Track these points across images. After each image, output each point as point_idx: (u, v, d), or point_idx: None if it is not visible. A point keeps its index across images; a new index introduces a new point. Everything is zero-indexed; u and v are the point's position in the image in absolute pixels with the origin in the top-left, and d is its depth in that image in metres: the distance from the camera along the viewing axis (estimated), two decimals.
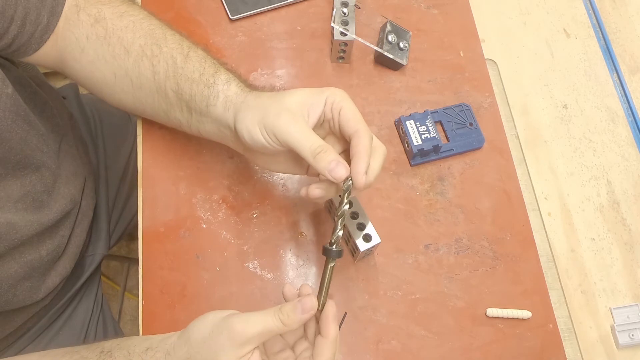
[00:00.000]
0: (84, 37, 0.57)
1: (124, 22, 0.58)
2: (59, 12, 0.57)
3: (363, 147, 0.48)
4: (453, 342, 0.61)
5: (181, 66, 0.56)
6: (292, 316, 0.45)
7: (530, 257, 0.66)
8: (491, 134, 0.71)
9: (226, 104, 0.53)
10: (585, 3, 0.82)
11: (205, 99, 0.54)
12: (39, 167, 0.63)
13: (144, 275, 0.62)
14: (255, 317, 0.45)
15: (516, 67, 0.77)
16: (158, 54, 0.56)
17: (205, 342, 0.45)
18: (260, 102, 0.51)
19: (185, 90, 0.55)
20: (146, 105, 0.60)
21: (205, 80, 0.54)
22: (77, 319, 0.82)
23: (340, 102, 0.50)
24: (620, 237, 0.68)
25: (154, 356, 0.47)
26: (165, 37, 0.58)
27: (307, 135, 0.48)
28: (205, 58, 0.57)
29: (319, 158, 0.47)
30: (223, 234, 0.64)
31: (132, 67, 0.57)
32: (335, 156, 0.47)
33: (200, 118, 0.56)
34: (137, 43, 0.57)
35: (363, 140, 0.48)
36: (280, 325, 0.45)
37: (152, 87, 0.57)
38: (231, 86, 0.54)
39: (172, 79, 0.56)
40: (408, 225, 0.66)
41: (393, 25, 0.72)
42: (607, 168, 0.72)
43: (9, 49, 0.55)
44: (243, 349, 0.44)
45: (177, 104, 0.57)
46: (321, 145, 0.47)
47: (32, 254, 0.64)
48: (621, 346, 0.63)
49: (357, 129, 0.49)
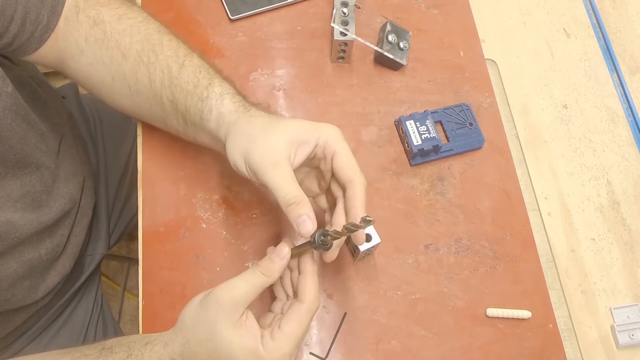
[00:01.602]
0: (82, 39, 0.57)
1: (122, 26, 0.57)
2: (59, 11, 0.57)
3: (359, 201, 0.49)
4: (453, 342, 0.61)
5: (176, 76, 0.55)
6: (270, 265, 0.46)
7: (530, 257, 0.66)
8: (491, 134, 0.71)
9: (219, 120, 0.53)
10: (585, 3, 0.82)
11: (199, 112, 0.54)
12: (39, 166, 0.63)
13: (144, 275, 0.62)
14: (237, 280, 0.46)
15: (516, 67, 0.77)
16: (154, 61, 0.56)
17: (198, 322, 0.46)
18: (250, 130, 0.50)
19: (181, 102, 0.55)
20: (144, 110, 0.60)
21: (199, 93, 0.54)
22: (77, 319, 0.82)
23: (333, 145, 0.49)
24: (620, 237, 0.68)
25: (152, 349, 0.48)
26: (161, 43, 0.57)
27: (284, 185, 0.48)
28: (200, 67, 0.56)
29: (291, 209, 0.47)
30: (223, 234, 0.64)
31: (130, 73, 0.57)
32: (306, 210, 0.47)
33: (195, 129, 0.56)
34: (134, 48, 0.57)
35: (358, 193, 0.49)
36: (262, 277, 0.46)
37: (149, 94, 0.57)
38: (224, 101, 0.53)
39: (168, 89, 0.56)
40: (408, 225, 0.66)
41: (393, 25, 0.72)
42: (607, 168, 0.72)
43: (9, 48, 0.55)
44: (235, 312, 0.45)
45: (173, 113, 0.57)
46: (296, 196, 0.47)
47: (31, 253, 0.64)
48: (621, 346, 0.63)
49: (352, 178, 0.49)
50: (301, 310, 0.47)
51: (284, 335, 0.45)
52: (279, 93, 0.72)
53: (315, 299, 0.47)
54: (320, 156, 0.51)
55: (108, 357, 0.49)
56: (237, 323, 0.45)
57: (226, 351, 0.45)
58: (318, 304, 0.48)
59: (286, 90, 0.72)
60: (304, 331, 0.47)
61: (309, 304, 0.47)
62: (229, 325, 0.45)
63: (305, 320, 0.46)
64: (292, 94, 0.72)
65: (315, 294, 0.47)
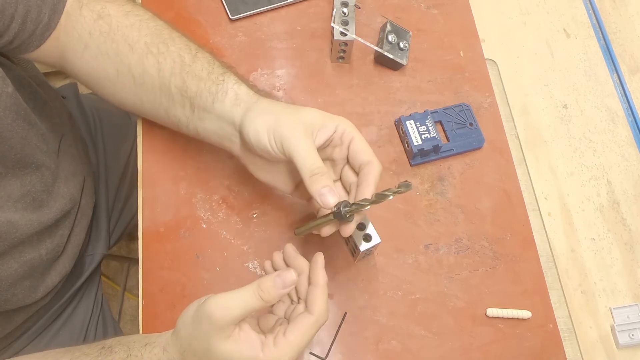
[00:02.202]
0: (86, 33, 0.58)
1: (130, 21, 0.58)
2: (60, 9, 0.57)
3: (373, 178, 0.50)
4: (453, 342, 0.61)
5: (189, 64, 0.57)
6: (272, 292, 0.45)
7: (530, 257, 0.66)
8: (491, 134, 0.71)
9: (236, 100, 0.54)
10: (585, 3, 0.82)
11: (212, 95, 0.55)
12: (39, 166, 0.63)
13: (144, 275, 0.62)
14: (233, 299, 0.44)
15: (516, 67, 0.77)
16: (164, 51, 0.57)
17: (192, 338, 0.46)
18: (274, 108, 0.52)
19: (191, 87, 0.56)
20: (146, 103, 0.60)
21: (214, 78, 0.55)
22: (77, 319, 0.82)
23: (351, 133, 0.52)
24: (620, 237, 0.68)
25: (152, 351, 0.48)
26: (172, 37, 0.58)
27: (311, 154, 0.49)
28: (213, 59, 0.58)
29: (314, 179, 0.48)
30: (223, 234, 0.64)
31: (136, 64, 0.58)
32: (329, 182, 0.48)
33: (202, 115, 0.56)
34: (142, 41, 0.57)
35: (374, 172, 0.51)
36: (260, 302, 0.45)
37: (155, 83, 0.58)
38: (242, 87, 0.55)
39: (178, 76, 0.56)
40: (408, 225, 0.66)
41: (393, 25, 0.72)
42: (607, 168, 0.72)
43: (10, 46, 0.55)
44: (228, 329, 0.44)
45: (179, 100, 0.57)
46: (321, 167, 0.48)
47: (31, 253, 0.64)
48: (621, 346, 0.63)
49: (370, 160, 0.51)
50: (309, 321, 0.46)
51: (288, 344, 0.45)
52: (279, 93, 0.72)
53: (324, 312, 0.47)
54: (336, 143, 0.52)
55: (108, 357, 0.49)
56: (231, 338, 0.44)
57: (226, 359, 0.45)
58: (326, 318, 0.48)
59: (286, 90, 0.72)
60: (307, 342, 0.46)
61: (318, 317, 0.46)
62: (224, 340, 0.44)
63: (311, 332, 0.46)
64: (292, 94, 0.72)
65: (324, 306, 0.47)
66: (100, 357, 0.49)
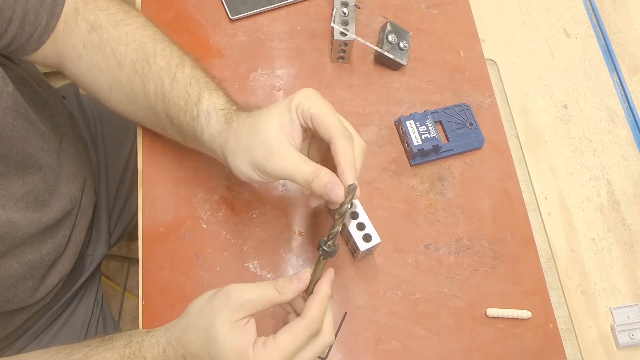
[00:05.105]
0: (81, 44, 0.58)
1: (118, 33, 0.58)
2: (58, 13, 0.57)
3: (343, 158, 0.47)
4: (453, 342, 0.61)
5: (168, 90, 0.56)
6: (287, 286, 0.46)
7: (530, 257, 0.66)
8: (491, 134, 0.71)
9: (211, 142, 0.54)
10: (585, 3, 0.82)
11: (192, 129, 0.55)
12: (42, 166, 0.63)
13: (144, 275, 0.62)
14: (252, 285, 0.46)
15: (516, 67, 0.77)
16: (148, 72, 0.57)
17: (202, 310, 0.47)
18: (242, 143, 0.51)
19: (174, 117, 0.56)
20: (142, 118, 0.61)
21: (190, 110, 0.55)
22: (77, 319, 0.82)
23: (309, 109, 0.48)
24: (620, 237, 0.68)
25: (154, 335, 0.49)
26: (155, 52, 0.57)
27: (297, 166, 0.48)
28: (191, 79, 0.56)
29: (314, 185, 0.47)
30: (223, 234, 0.64)
31: (126, 82, 0.58)
32: (329, 178, 0.47)
33: (193, 143, 0.58)
34: (129, 58, 0.57)
35: (340, 148, 0.47)
36: (276, 294, 0.46)
37: (145, 104, 0.58)
38: (211, 122, 0.54)
39: (162, 102, 0.56)
40: (408, 225, 0.66)
41: (393, 25, 0.72)
42: (607, 168, 0.72)
43: (8, 49, 0.56)
44: (238, 313, 0.45)
45: (169, 125, 0.58)
46: (312, 171, 0.47)
47: (33, 253, 0.64)
48: (621, 346, 0.63)
49: (331, 134, 0.47)
50: (299, 326, 0.46)
51: (276, 345, 0.45)
52: (279, 93, 0.72)
53: (317, 319, 0.46)
54: (306, 125, 0.50)
55: (108, 344, 0.50)
56: (236, 323, 0.45)
57: (218, 346, 0.45)
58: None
59: (286, 90, 0.72)
60: (297, 347, 0.46)
61: (308, 322, 0.46)
62: (228, 322, 0.45)
63: (301, 337, 0.46)
64: (292, 94, 0.71)
65: (317, 314, 0.46)
66: (101, 346, 0.50)
